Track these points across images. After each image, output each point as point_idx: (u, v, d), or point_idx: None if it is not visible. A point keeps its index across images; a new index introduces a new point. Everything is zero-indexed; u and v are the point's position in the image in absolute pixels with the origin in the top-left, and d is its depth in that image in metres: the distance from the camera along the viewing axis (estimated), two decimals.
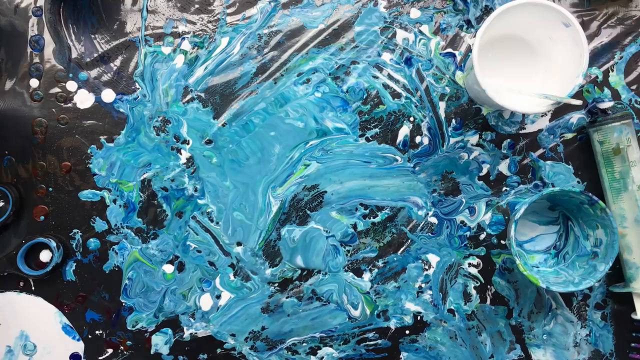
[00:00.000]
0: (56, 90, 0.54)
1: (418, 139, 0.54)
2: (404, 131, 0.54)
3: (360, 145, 0.54)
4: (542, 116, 0.54)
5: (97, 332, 0.55)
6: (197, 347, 0.55)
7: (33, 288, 0.55)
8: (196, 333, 0.55)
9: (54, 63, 0.54)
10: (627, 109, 0.54)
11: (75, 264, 0.55)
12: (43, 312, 0.55)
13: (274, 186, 0.54)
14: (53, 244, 0.53)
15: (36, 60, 0.54)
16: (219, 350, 0.55)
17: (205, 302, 0.55)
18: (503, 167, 0.54)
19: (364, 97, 0.54)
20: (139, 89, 0.54)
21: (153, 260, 0.55)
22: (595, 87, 0.54)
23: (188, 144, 0.54)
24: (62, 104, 0.54)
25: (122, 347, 0.55)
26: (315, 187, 0.54)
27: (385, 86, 0.54)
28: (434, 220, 0.55)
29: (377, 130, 0.54)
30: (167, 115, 0.54)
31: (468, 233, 0.54)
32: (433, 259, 0.55)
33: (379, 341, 0.55)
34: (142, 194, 0.54)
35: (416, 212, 0.54)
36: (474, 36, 0.52)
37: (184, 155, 0.54)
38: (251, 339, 0.55)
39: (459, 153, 0.54)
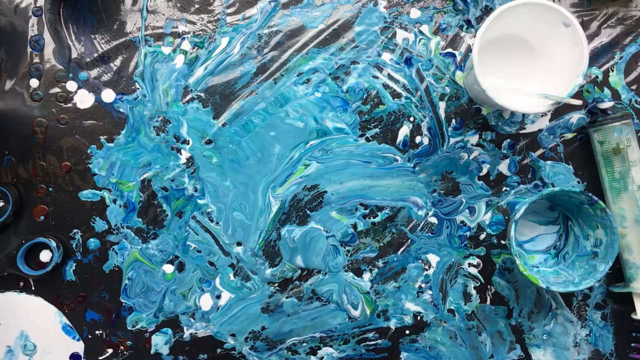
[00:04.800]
0: (56, 90, 0.54)
1: (418, 139, 0.54)
2: (404, 131, 0.54)
3: (360, 145, 0.54)
4: (542, 116, 0.54)
5: (97, 332, 0.55)
6: (197, 347, 0.55)
7: (33, 288, 0.55)
8: (196, 333, 0.55)
9: (54, 63, 0.54)
10: (627, 109, 0.54)
11: (75, 264, 0.55)
12: (43, 312, 0.55)
13: (274, 186, 0.54)
14: (53, 244, 0.53)
15: (36, 60, 0.54)
16: (219, 350, 0.55)
17: (205, 302, 0.55)
18: (503, 167, 0.54)
19: (364, 97, 0.54)
20: (139, 89, 0.54)
21: (153, 260, 0.55)
22: (595, 87, 0.54)
23: (188, 144, 0.54)
24: (62, 104, 0.54)
25: (122, 347, 0.55)
26: (315, 187, 0.54)
27: (385, 86, 0.54)
28: (434, 220, 0.55)
29: (377, 130, 0.54)
30: (167, 115, 0.54)
31: (468, 233, 0.54)
32: (433, 259, 0.55)
33: (379, 341, 0.55)
34: (142, 194, 0.54)
35: (416, 212, 0.54)
36: (474, 36, 0.52)
37: (184, 155, 0.54)
38: (251, 339, 0.55)
39: (459, 153, 0.54)
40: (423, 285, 0.55)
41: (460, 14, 0.54)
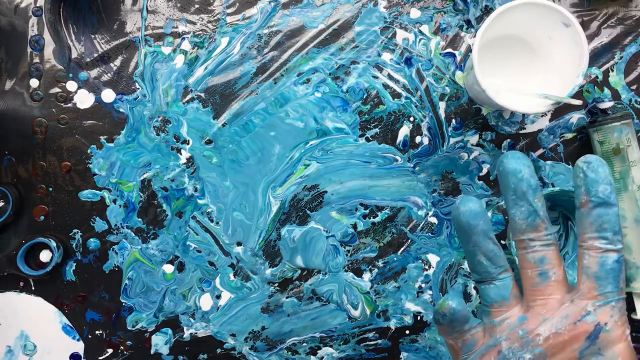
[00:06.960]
0: (56, 90, 0.54)
1: (418, 139, 0.54)
2: (404, 131, 0.54)
3: (360, 145, 0.54)
4: (542, 116, 0.54)
5: (97, 332, 0.55)
6: (197, 347, 0.55)
7: (33, 288, 0.55)
8: (196, 333, 0.55)
9: (54, 63, 0.54)
10: (627, 109, 0.54)
11: (75, 264, 0.55)
12: (43, 312, 0.55)
13: (274, 186, 0.54)
14: (53, 244, 0.53)
15: (36, 60, 0.54)
16: (219, 350, 0.55)
17: (205, 302, 0.55)
18: None
19: (364, 97, 0.54)
20: (139, 89, 0.54)
21: (153, 260, 0.55)
22: (595, 87, 0.54)
23: (188, 144, 0.54)
24: (62, 104, 0.54)
25: (122, 347, 0.55)
26: (315, 187, 0.54)
27: (385, 86, 0.54)
28: (434, 220, 0.55)
29: (377, 130, 0.54)
30: (167, 115, 0.54)
31: None
32: (433, 259, 0.55)
33: (379, 341, 0.55)
34: (142, 194, 0.54)
35: (416, 212, 0.54)
36: (474, 36, 0.52)
37: (184, 155, 0.54)
38: (251, 339, 0.55)
39: (459, 153, 0.54)
40: (423, 285, 0.55)
41: (460, 14, 0.54)
